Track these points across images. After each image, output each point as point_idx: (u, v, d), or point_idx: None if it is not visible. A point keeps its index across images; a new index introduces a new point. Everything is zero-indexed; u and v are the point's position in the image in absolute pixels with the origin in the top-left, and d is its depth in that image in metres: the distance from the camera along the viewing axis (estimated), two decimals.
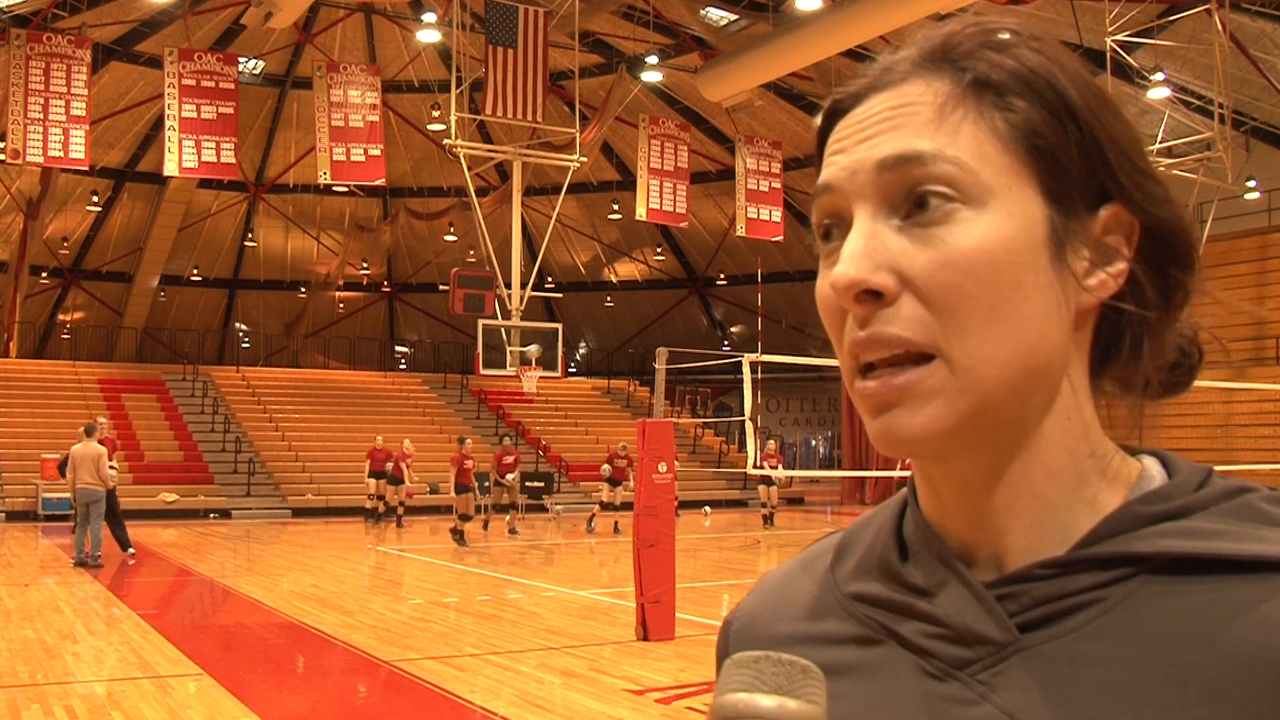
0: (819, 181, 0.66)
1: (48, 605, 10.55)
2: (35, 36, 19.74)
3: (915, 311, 0.60)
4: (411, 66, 30.83)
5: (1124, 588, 0.59)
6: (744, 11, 24.60)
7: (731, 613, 0.79)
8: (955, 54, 0.63)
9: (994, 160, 0.61)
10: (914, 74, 0.64)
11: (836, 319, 0.63)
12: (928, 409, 0.60)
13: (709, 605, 10.54)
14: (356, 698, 7.20)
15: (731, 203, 26.65)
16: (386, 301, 40.42)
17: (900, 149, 0.61)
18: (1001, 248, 0.60)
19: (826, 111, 0.68)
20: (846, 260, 0.61)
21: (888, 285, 0.60)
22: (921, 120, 0.62)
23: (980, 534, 0.64)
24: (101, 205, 31.95)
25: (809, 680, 0.56)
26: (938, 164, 0.60)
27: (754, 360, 10.82)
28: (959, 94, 0.62)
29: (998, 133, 0.61)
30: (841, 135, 0.65)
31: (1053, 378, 0.62)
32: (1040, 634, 0.60)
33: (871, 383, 0.61)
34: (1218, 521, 0.60)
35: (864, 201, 0.62)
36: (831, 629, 0.69)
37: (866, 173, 0.62)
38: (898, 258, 0.60)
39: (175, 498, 22.86)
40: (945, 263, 0.59)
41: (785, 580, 0.76)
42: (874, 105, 0.64)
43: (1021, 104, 0.62)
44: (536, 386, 20.44)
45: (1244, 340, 22.18)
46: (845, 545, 0.72)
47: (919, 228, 0.60)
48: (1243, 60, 20.87)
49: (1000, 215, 0.60)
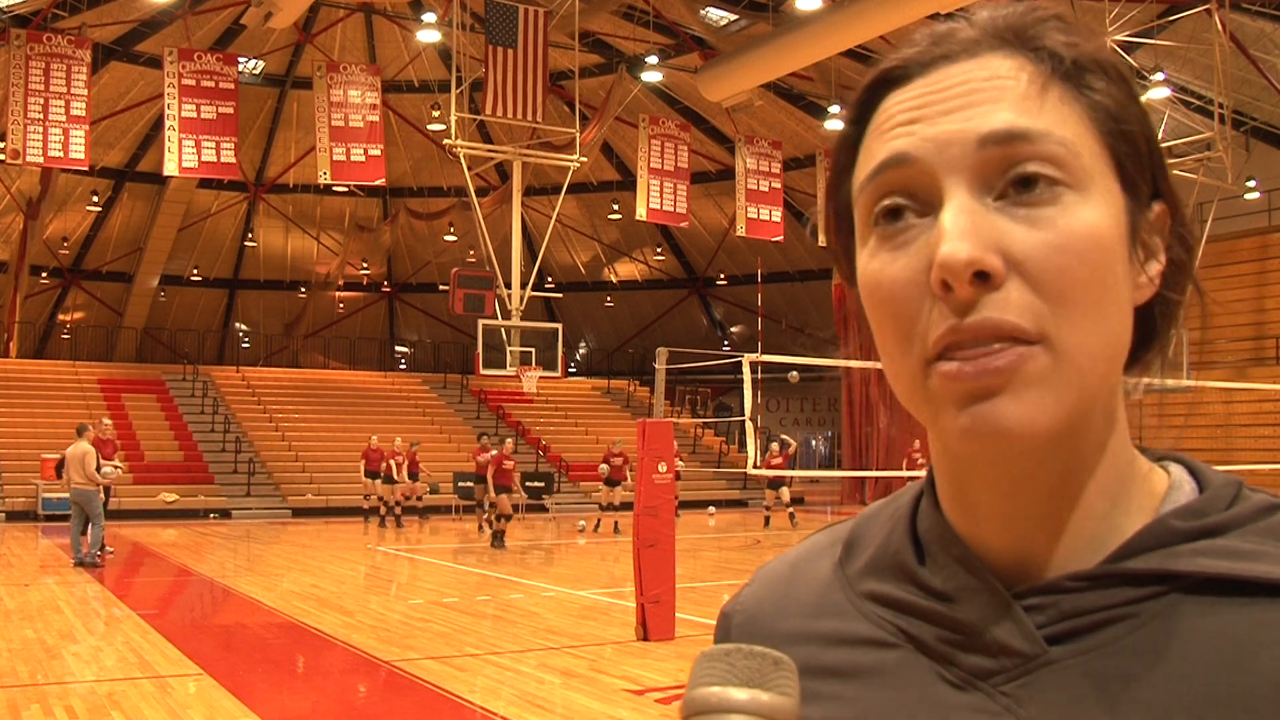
0: (888, 155, 0.59)
1: (48, 605, 10.54)
2: (35, 36, 19.74)
3: (1025, 297, 0.55)
4: (411, 66, 30.83)
5: (1156, 605, 0.57)
6: (744, 11, 24.59)
7: (730, 604, 0.75)
8: (1031, 33, 0.60)
9: (1089, 144, 0.58)
10: (988, 46, 0.60)
11: (912, 305, 0.58)
12: (1034, 397, 0.55)
13: (709, 605, 10.54)
14: (356, 698, 7.20)
15: (731, 203, 26.65)
16: (386, 301, 40.42)
17: (1010, 124, 0.57)
18: (1108, 234, 0.57)
19: (875, 80, 0.63)
20: (957, 237, 0.55)
21: (998, 267, 0.55)
22: (1018, 95, 0.58)
23: (1011, 540, 0.61)
24: (101, 205, 31.94)
25: (781, 672, 0.55)
26: (1047, 144, 0.57)
27: (754, 360, 10.82)
28: (1048, 72, 0.59)
29: (1088, 116, 0.59)
30: (914, 104, 0.60)
31: (1119, 378, 0.60)
32: (1068, 648, 0.58)
33: (966, 364, 0.56)
34: (1254, 541, 0.58)
35: (958, 176, 0.57)
36: (844, 628, 0.66)
37: (963, 145, 0.57)
38: (1006, 238, 0.56)
39: (175, 498, 22.86)
40: (1060, 246, 0.56)
41: (789, 573, 0.73)
42: (952, 75, 0.60)
43: (1103, 86, 0.60)
44: (536, 386, 20.45)
45: (1244, 340, 22.18)
46: (854, 539, 0.70)
47: (1023, 208, 0.57)
48: (1243, 60, 20.87)
49: (1101, 202, 0.58)
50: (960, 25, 0.62)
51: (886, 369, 0.61)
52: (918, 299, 0.57)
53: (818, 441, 39.61)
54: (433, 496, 22.87)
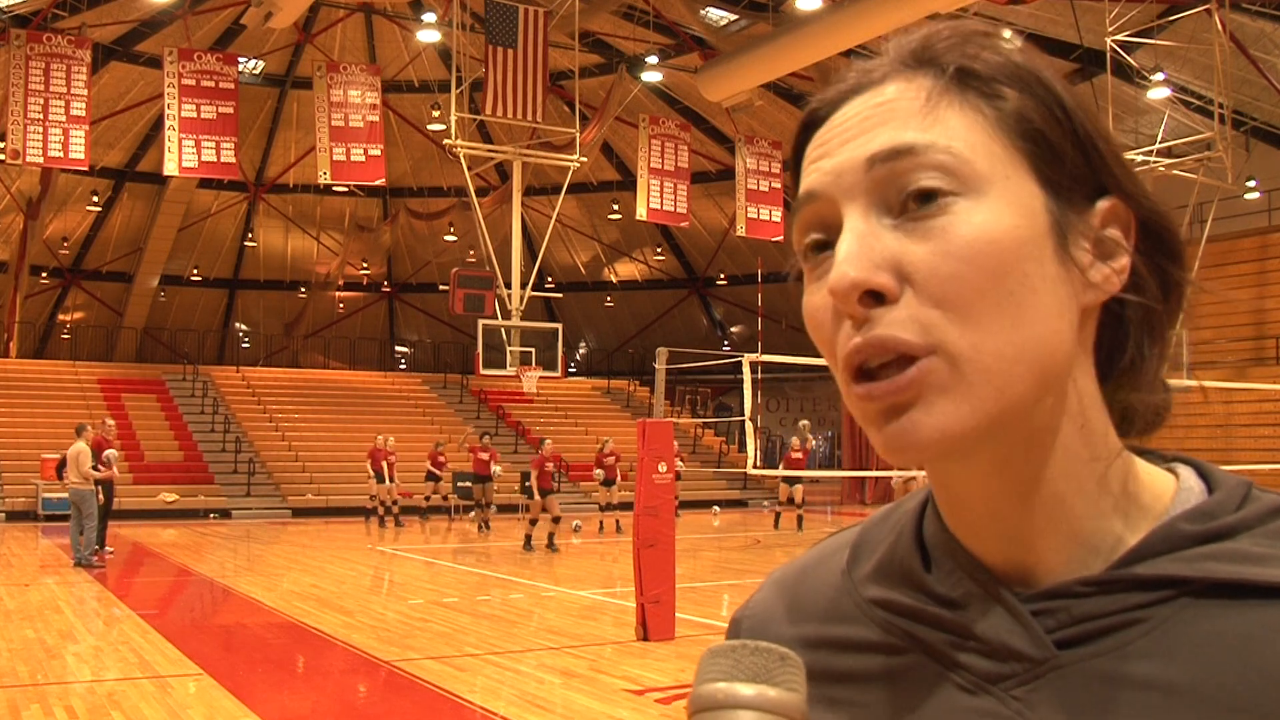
0: (801, 192, 0.62)
1: (48, 605, 10.55)
2: (35, 36, 19.74)
3: (916, 311, 0.57)
4: (411, 66, 30.84)
5: (1166, 609, 0.57)
6: (744, 11, 24.60)
7: (741, 611, 0.76)
8: (935, 52, 0.61)
9: (987, 149, 0.58)
10: (894, 74, 0.61)
11: (829, 329, 0.60)
12: (940, 407, 0.57)
13: (709, 605, 10.54)
14: (356, 698, 7.20)
15: (731, 203, 26.65)
16: (386, 301, 40.41)
17: (891, 142, 0.58)
18: (1005, 236, 0.57)
19: (803, 123, 0.65)
20: (844, 261, 0.57)
21: (889, 285, 0.57)
22: (907, 114, 0.59)
23: (1003, 544, 0.61)
24: (101, 205, 31.95)
25: (787, 667, 0.55)
26: (932, 154, 0.58)
27: (754, 360, 10.82)
28: (943, 86, 0.60)
29: (989, 121, 0.59)
30: (822, 141, 0.62)
31: (1062, 378, 0.60)
32: (1077, 652, 0.58)
33: (874, 385, 0.58)
34: (1265, 544, 0.57)
35: (854, 202, 0.59)
36: (852, 634, 0.66)
37: (854, 171, 0.59)
38: (896, 254, 0.57)
39: (175, 498, 22.86)
40: (948, 253, 0.56)
41: (798, 578, 0.73)
42: (853, 108, 0.62)
43: (1008, 91, 0.60)
44: (536, 386, 20.46)
45: (1244, 340, 22.18)
46: (861, 545, 0.70)
47: (915, 222, 0.58)
48: (1243, 60, 20.86)
49: (1000, 203, 0.57)
50: (882, 58, 0.63)
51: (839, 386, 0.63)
52: (832, 324, 0.60)
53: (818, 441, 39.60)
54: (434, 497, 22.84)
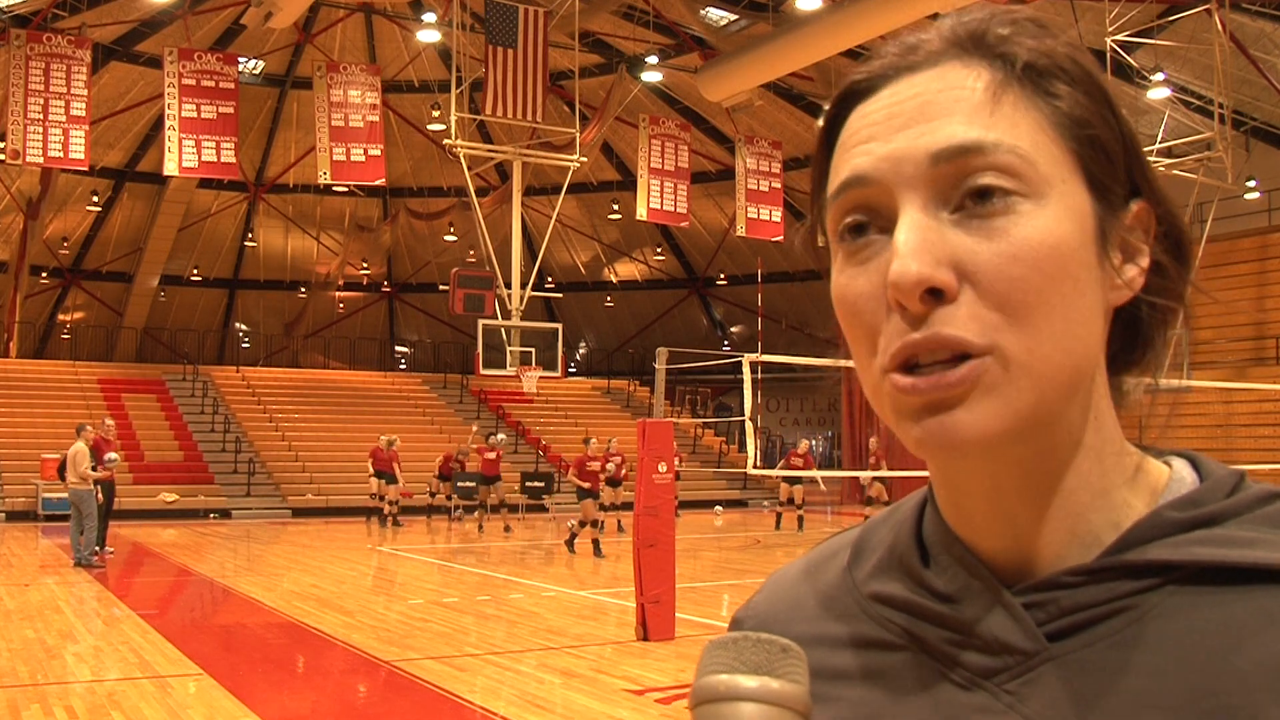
0: (849, 174, 0.60)
1: (48, 605, 10.54)
2: (35, 36, 19.74)
3: (975, 310, 0.56)
4: (411, 66, 30.84)
5: (1155, 596, 0.58)
6: (744, 11, 24.60)
7: (742, 611, 0.76)
8: (993, 38, 0.60)
9: (1048, 150, 0.58)
10: (948, 55, 0.60)
11: (871, 318, 0.59)
12: (985, 407, 0.56)
13: (709, 605, 10.54)
14: (356, 698, 7.20)
15: (731, 203, 26.65)
16: (386, 301, 40.41)
17: (960, 139, 0.57)
18: (1065, 241, 0.57)
19: (844, 94, 0.63)
20: (909, 256, 0.56)
21: (950, 283, 0.56)
22: (971, 106, 0.58)
23: (1006, 539, 0.61)
24: (101, 205, 31.95)
25: (789, 659, 0.55)
26: (999, 154, 0.57)
27: (754, 360, 10.82)
28: (1005, 79, 0.59)
29: (1046, 120, 0.59)
30: (870, 120, 0.60)
31: (1090, 378, 0.60)
32: (1069, 643, 0.58)
33: (920, 380, 0.57)
34: (1252, 529, 0.58)
35: (913, 193, 0.58)
36: (851, 631, 0.67)
37: (916, 163, 0.58)
38: (958, 252, 0.57)
39: (175, 498, 22.86)
40: (1013, 256, 0.56)
41: (799, 578, 0.73)
42: (908, 88, 0.60)
43: (1067, 90, 0.59)
44: (536, 386, 20.46)
45: (1244, 340, 22.18)
46: (862, 544, 0.70)
47: (978, 220, 0.57)
48: (1243, 60, 20.86)
49: (1060, 208, 0.57)
50: (928, 35, 0.62)
51: (859, 374, 0.62)
52: (878, 313, 0.59)
53: (818, 441, 39.63)
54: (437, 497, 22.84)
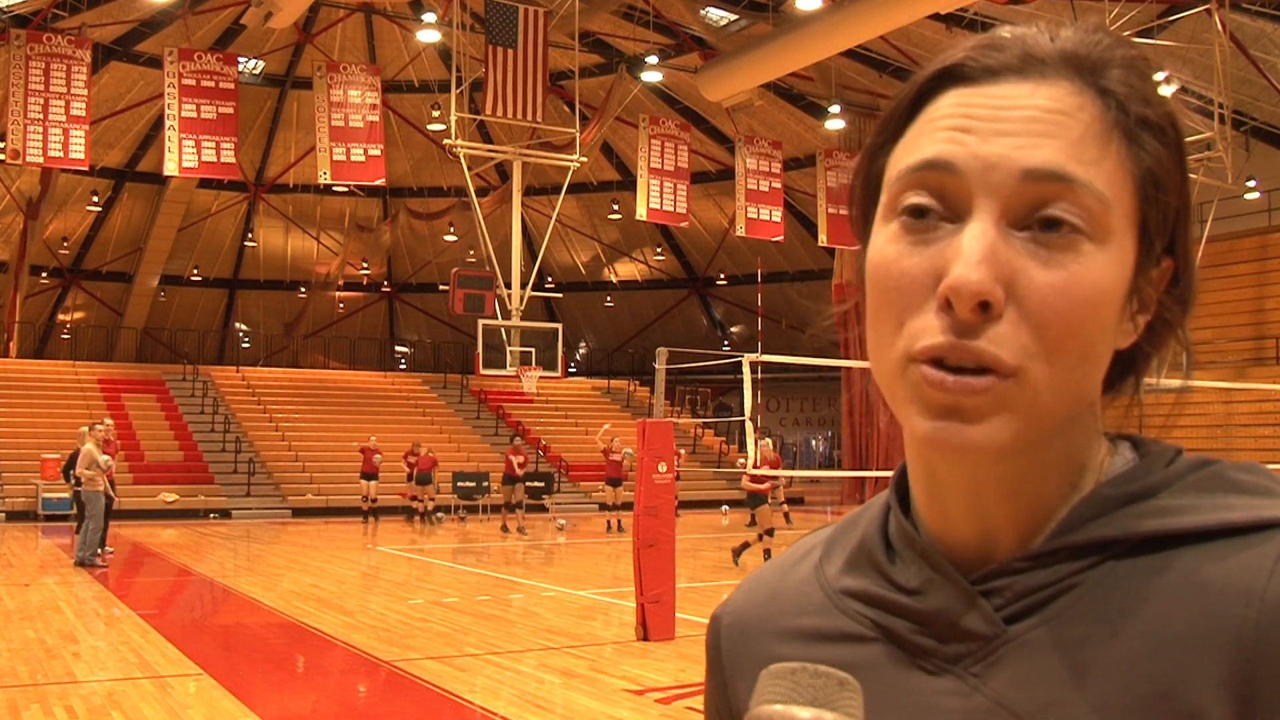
0: (936, 155, 0.60)
1: (48, 605, 10.54)
2: (35, 36, 19.74)
3: (1016, 333, 0.58)
4: (411, 66, 30.84)
5: (1097, 573, 0.60)
6: (744, 11, 24.60)
7: (720, 608, 0.78)
8: (1107, 70, 0.61)
9: (1123, 203, 0.60)
10: (1061, 74, 0.60)
11: (910, 300, 0.60)
12: (999, 422, 0.58)
13: (709, 605, 10.53)
14: (356, 698, 7.20)
15: (731, 203, 26.65)
16: (386, 301, 40.42)
17: (1056, 166, 0.58)
18: (1110, 290, 0.59)
19: (944, 69, 0.62)
20: (975, 265, 0.57)
21: (1000, 300, 0.57)
22: (1075, 136, 0.59)
23: (976, 532, 0.64)
24: (101, 205, 31.96)
25: (846, 693, 0.56)
26: (1086, 195, 0.58)
27: (754, 360, 10.81)
28: (1109, 120, 0.60)
29: (1129, 173, 0.60)
30: (973, 112, 0.60)
31: (1091, 405, 0.63)
32: (1024, 624, 0.61)
33: (949, 377, 0.58)
34: (1183, 497, 0.61)
35: (991, 200, 0.59)
36: (823, 625, 0.69)
37: (1007, 173, 0.58)
38: (1017, 273, 0.58)
39: (175, 498, 22.87)
40: (1064, 291, 0.58)
41: (775, 576, 0.75)
42: (1017, 95, 0.60)
43: (1156, 148, 0.61)
44: (536, 386, 20.46)
45: (1244, 340, 22.18)
46: (833, 542, 0.73)
47: (1042, 247, 0.58)
48: (1243, 60, 20.87)
49: (1115, 257, 0.59)
50: (1039, 40, 0.62)
51: (870, 342, 0.63)
52: (921, 298, 0.59)
53: (818, 441, 39.62)
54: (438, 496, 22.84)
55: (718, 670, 0.76)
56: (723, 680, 0.75)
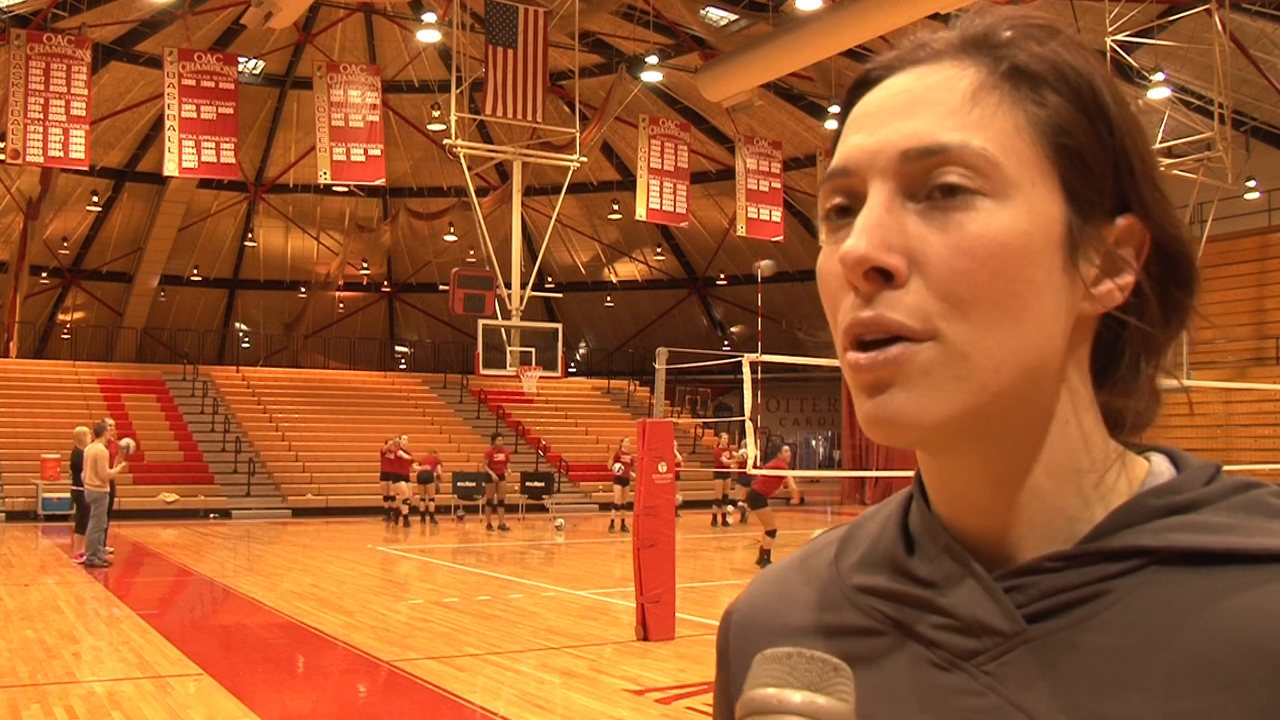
0: (835, 164, 0.63)
1: (48, 605, 10.54)
2: (35, 36, 19.74)
3: (921, 299, 0.59)
4: (411, 66, 30.83)
5: (1131, 580, 0.59)
6: (744, 11, 24.60)
7: (732, 605, 0.78)
8: (995, 41, 0.62)
9: (1020, 153, 0.60)
10: (947, 55, 0.63)
11: (836, 294, 0.62)
12: (924, 390, 0.59)
13: (709, 605, 10.53)
14: (356, 698, 7.20)
15: (731, 203, 26.65)
16: (386, 301, 40.42)
17: (926, 140, 0.60)
18: (1019, 241, 0.59)
19: (855, 83, 0.66)
20: (859, 234, 0.60)
21: (899, 267, 0.59)
22: (947, 107, 0.61)
23: (988, 529, 0.64)
24: (101, 205, 31.95)
25: (840, 678, 0.56)
26: (963, 155, 0.59)
27: (754, 360, 10.82)
28: (993, 81, 0.61)
29: (1028, 124, 0.61)
30: (865, 112, 0.64)
31: (1050, 381, 0.62)
32: (1047, 625, 0.60)
33: (863, 355, 0.60)
34: (1227, 515, 0.60)
35: (883, 182, 0.61)
36: (836, 620, 0.69)
37: (889, 157, 0.61)
38: (912, 240, 0.59)
39: (175, 498, 22.86)
40: (961, 249, 0.58)
41: (786, 573, 0.75)
42: (899, 83, 0.63)
43: (1054, 99, 0.61)
44: (536, 386, 20.46)
45: (1244, 340, 22.18)
46: (848, 539, 0.72)
47: (938, 212, 0.59)
48: (1243, 60, 20.86)
49: (1021, 209, 0.59)
50: (939, 33, 0.65)
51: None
52: (840, 290, 0.62)
53: (818, 441, 39.62)
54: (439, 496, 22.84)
55: (725, 666, 0.76)
56: (730, 675, 0.75)
